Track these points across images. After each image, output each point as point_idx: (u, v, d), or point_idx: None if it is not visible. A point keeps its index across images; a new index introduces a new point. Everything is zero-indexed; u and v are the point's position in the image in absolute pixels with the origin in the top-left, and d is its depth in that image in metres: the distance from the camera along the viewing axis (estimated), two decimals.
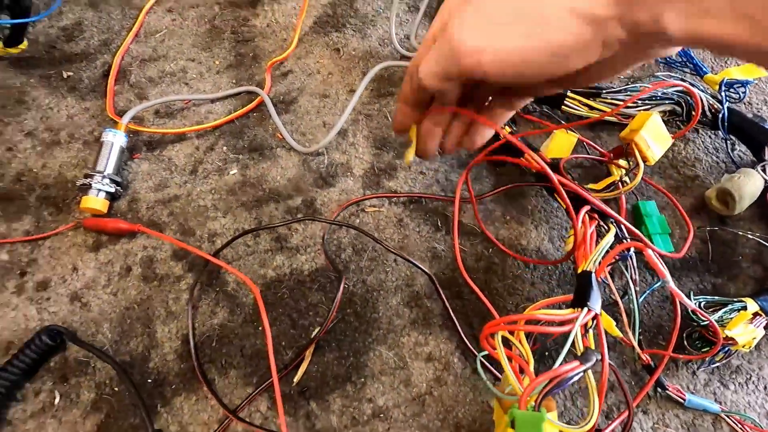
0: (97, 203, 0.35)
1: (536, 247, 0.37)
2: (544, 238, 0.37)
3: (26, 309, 0.33)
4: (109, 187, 0.36)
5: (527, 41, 0.17)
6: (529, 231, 0.37)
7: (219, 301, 0.33)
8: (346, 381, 0.31)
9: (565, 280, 0.35)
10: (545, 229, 0.37)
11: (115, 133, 0.38)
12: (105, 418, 0.29)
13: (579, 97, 0.40)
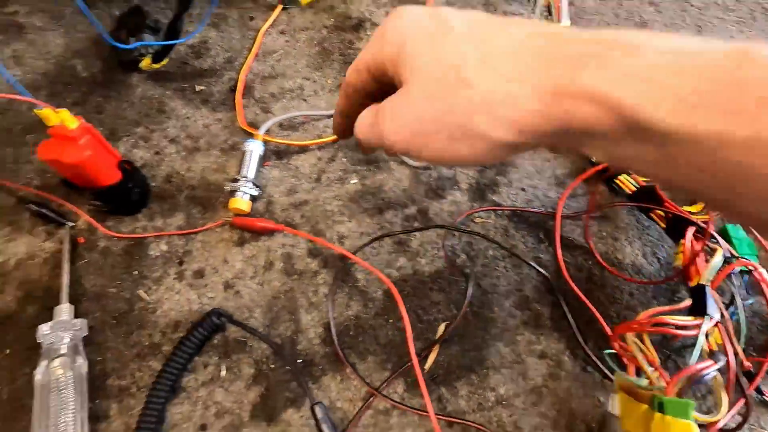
0: (243, 204, 0.40)
1: (631, 261, 0.40)
2: (638, 254, 0.41)
3: (188, 293, 0.38)
4: (252, 190, 0.41)
5: (443, 153, 0.21)
6: (623, 246, 0.41)
7: (352, 296, 0.38)
8: (470, 371, 0.35)
9: (659, 293, 0.39)
10: (638, 246, 0.41)
11: (254, 143, 0.43)
12: (265, 390, 0.34)
13: None
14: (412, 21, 0.21)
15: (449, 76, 0.19)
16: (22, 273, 0.39)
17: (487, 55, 0.19)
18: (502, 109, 0.18)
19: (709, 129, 0.15)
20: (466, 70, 0.19)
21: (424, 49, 0.20)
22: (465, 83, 0.19)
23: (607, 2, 0.60)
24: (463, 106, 0.19)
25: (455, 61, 0.19)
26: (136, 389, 0.34)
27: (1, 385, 0.34)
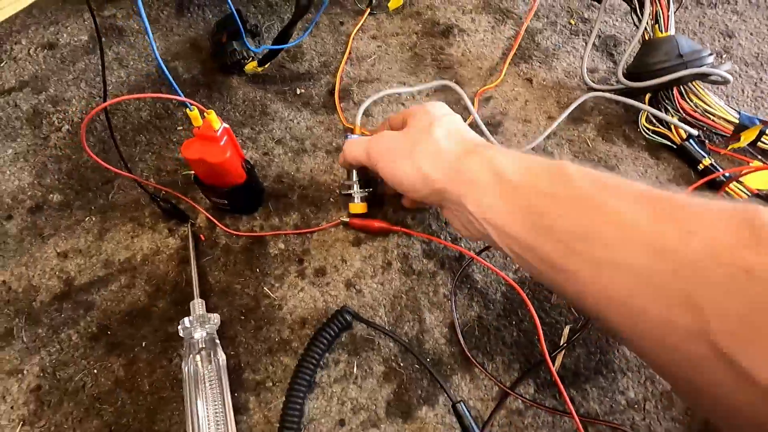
0: (359, 208, 0.41)
1: None
2: None
3: (312, 291, 0.39)
4: (363, 192, 0.41)
5: (394, 168, 0.34)
6: None
7: (473, 296, 0.39)
8: (597, 374, 0.35)
9: None
10: None
11: (350, 138, 0.41)
12: (397, 387, 0.35)
13: None
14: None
15: (423, 131, 0.34)
16: (150, 268, 0.40)
17: (446, 135, 0.33)
18: (435, 158, 0.32)
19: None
20: (433, 134, 0.33)
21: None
22: (430, 137, 0.33)
23: (691, 11, 0.60)
24: (421, 147, 0.33)
25: (429, 129, 0.33)
26: (272, 383, 0.35)
27: (142, 377, 0.35)
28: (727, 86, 0.52)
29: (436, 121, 0.33)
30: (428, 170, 0.32)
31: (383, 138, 0.35)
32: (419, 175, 0.32)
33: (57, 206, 0.43)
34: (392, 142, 0.35)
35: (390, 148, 0.34)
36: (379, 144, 0.35)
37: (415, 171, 0.32)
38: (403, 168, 0.33)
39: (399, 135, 0.35)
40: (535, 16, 0.59)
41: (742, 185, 0.42)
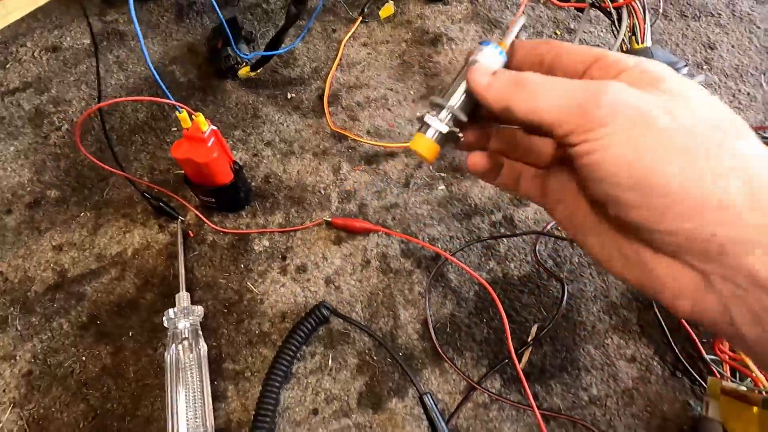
0: (426, 147, 0.22)
1: None
2: None
3: (293, 287, 0.41)
4: (448, 124, 0.22)
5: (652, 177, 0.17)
6: None
7: (446, 295, 0.40)
8: (562, 371, 0.37)
9: None
10: None
11: (489, 48, 0.22)
12: (370, 380, 0.36)
13: None
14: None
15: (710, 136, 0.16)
16: (139, 262, 0.42)
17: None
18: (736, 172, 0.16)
19: None
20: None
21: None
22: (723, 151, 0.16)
23: (675, 23, 0.62)
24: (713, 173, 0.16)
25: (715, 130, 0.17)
26: (250, 373, 0.37)
27: (128, 365, 0.37)
28: None
29: (739, 129, 0.17)
30: (717, 187, 0.16)
31: (621, 91, 0.17)
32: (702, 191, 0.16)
33: (54, 202, 0.45)
34: (648, 105, 0.17)
35: (641, 114, 0.17)
36: (627, 94, 0.17)
37: (707, 185, 0.16)
38: (680, 170, 0.16)
39: (659, 100, 0.17)
40: (522, 26, 0.60)
41: None
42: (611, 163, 0.17)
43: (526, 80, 0.19)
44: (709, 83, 0.55)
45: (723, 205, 0.16)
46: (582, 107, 0.17)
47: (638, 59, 0.19)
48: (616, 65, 0.19)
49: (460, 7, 0.63)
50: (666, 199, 0.16)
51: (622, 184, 0.17)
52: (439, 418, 0.33)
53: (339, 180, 0.47)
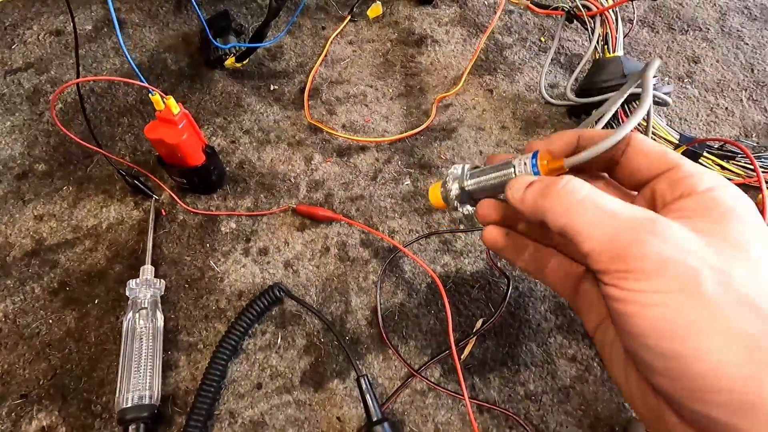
0: (436, 196, 0.26)
1: None
2: None
3: (252, 268, 0.42)
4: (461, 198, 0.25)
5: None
6: None
7: (399, 285, 0.42)
8: (502, 365, 0.38)
9: None
10: None
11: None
12: (315, 360, 0.38)
13: (713, 157, 0.46)
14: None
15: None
16: (112, 235, 0.44)
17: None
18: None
19: None
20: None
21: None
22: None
23: (662, 35, 0.62)
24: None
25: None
26: (203, 346, 0.39)
27: (91, 330, 0.39)
28: (681, 110, 0.54)
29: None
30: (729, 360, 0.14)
31: (674, 236, 0.15)
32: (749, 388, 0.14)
33: (41, 175, 0.48)
34: (699, 262, 0.15)
35: (692, 275, 0.15)
36: (657, 244, 0.15)
37: (746, 374, 0.14)
38: (716, 350, 0.14)
39: (714, 256, 0.15)
40: (507, 32, 0.62)
41: None
42: (645, 325, 0.15)
43: (563, 195, 0.17)
44: (688, 96, 0.55)
45: (757, 407, 0.14)
46: (623, 249, 0.15)
47: (714, 181, 0.17)
48: (687, 183, 0.17)
49: (449, 10, 0.64)
50: (699, 383, 0.14)
51: (653, 350, 0.15)
52: (374, 400, 0.34)
53: (310, 170, 0.49)
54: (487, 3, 0.65)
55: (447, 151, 0.50)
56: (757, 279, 0.15)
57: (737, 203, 0.16)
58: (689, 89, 0.56)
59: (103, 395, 0.36)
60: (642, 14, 0.64)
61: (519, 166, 0.20)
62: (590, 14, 0.49)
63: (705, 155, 0.46)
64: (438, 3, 0.65)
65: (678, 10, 0.65)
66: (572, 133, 0.20)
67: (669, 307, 0.14)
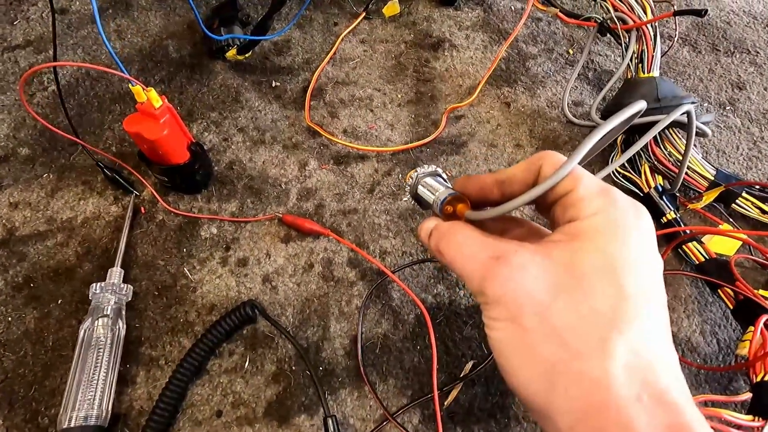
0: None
1: (686, 336, 0.37)
2: (695, 330, 0.38)
3: (228, 279, 0.39)
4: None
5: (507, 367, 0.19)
6: (681, 319, 0.38)
7: (384, 313, 0.38)
8: (491, 416, 0.34)
9: (713, 378, 0.36)
10: (697, 321, 0.38)
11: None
12: (282, 391, 0.34)
13: (753, 199, 0.41)
14: None
15: (599, 325, 0.17)
16: (87, 231, 0.41)
17: (632, 373, 0.17)
18: (590, 414, 0.17)
19: None
20: (609, 355, 0.17)
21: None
22: (601, 360, 0.17)
23: (704, 56, 0.56)
24: (573, 371, 0.17)
25: (608, 338, 0.17)
26: (165, 362, 0.35)
27: (49, 333, 0.36)
28: (720, 140, 0.48)
29: (629, 314, 0.17)
30: (568, 423, 0.17)
31: (515, 276, 0.18)
32: (545, 406, 0.17)
33: (22, 159, 0.46)
34: (526, 301, 0.18)
35: (516, 315, 0.18)
36: (499, 286, 0.18)
37: (541, 396, 0.17)
38: (523, 368, 0.18)
39: (544, 292, 0.18)
40: (533, 41, 0.57)
41: (701, 246, 0.39)
42: (491, 343, 0.19)
43: (448, 238, 0.21)
44: (728, 125, 0.50)
45: (550, 417, 0.17)
46: (479, 285, 0.19)
47: (599, 205, 0.18)
48: (575, 209, 0.19)
49: (472, 14, 0.60)
50: (517, 392, 0.19)
51: (501, 365, 0.19)
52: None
53: (303, 176, 0.45)
54: (514, 8, 0.61)
55: (453, 167, 0.46)
56: (573, 312, 0.17)
57: (606, 230, 0.18)
58: (731, 118, 0.51)
59: (52, 407, 0.33)
60: (684, 31, 0.59)
61: (436, 203, 0.24)
62: (626, 28, 0.44)
63: (744, 196, 0.41)
64: (461, 5, 0.60)
65: (724, 29, 0.59)
66: (492, 180, 0.22)
67: (501, 331, 0.18)
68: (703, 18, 0.47)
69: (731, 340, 0.37)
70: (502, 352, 0.18)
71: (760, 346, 0.30)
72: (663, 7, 0.52)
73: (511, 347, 0.18)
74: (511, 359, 0.18)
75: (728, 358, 0.36)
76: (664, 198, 0.42)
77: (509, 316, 0.18)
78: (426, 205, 0.25)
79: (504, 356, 0.18)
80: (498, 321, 0.18)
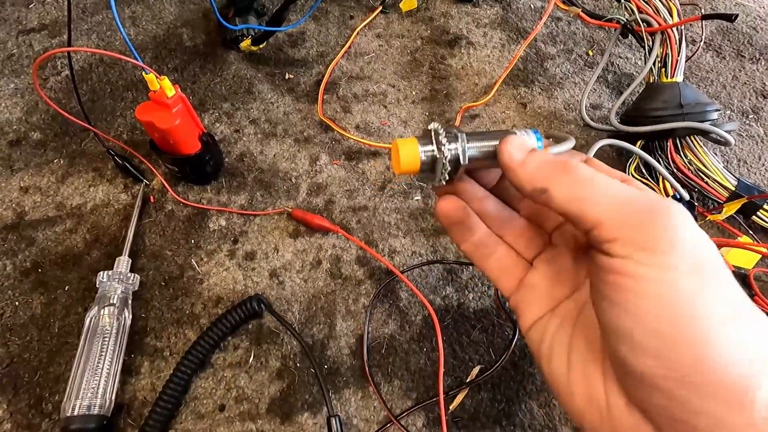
0: (410, 154, 0.19)
1: None
2: None
3: (236, 273, 0.39)
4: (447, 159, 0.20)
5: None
6: None
7: (391, 314, 0.37)
8: (496, 423, 0.33)
9: None
10: None
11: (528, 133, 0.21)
12: (286, 387, 0.34)
13: None
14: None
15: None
16: (96, 218, 0.41)
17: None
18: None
19: None
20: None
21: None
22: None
23: (728, 62, 0.55)
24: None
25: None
26: (169, 353, 0.35)
27: (55, 319, 0.36)
28: (741, 150, 0.47)
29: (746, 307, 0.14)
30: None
31: (689, 224, 0.15)
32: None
33: (34, 144, 0.46)
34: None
35: (701, 267, 0.14)
36: (684, 232, 0.15)
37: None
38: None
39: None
40: (552, 41, 0.56)
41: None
42: (655, 302, 0.14)
43: (574, 167, 0.17)
44: (751, 135, 0.49)
45: (746, 406, 0.13)
46: (644, 219, 0.15)
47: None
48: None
49: (490, 11, 0.58)
50: (701, 377, 0.14)
51: (654, 330, 0.14)
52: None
53: (314, 171, 0.45)
54: (534, 6, 0.59)
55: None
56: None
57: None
58: (754, 127, 0.49)
59: (56, 393, 0.33)
60: (708, 35, 0.57)
61: (521, 133, 0.19)
62: (650, 30, 0.42)
63: (765, 208, 0.39)
64: (479, 1, 0.59)
65: (751, 34, 0.58)
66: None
67: (690, 286, 0.14)
68: (733, 23, 0.45)
69: None
70: (683, 314, 0.14)
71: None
72: (688, 10, 0.51)
73: (715, 308, 0.14)
74: (709, 323, 0.14)
75: None
76: None
77: (694, 269, 0.14)
78: (492, 156, 0.19)
79: (686, 320, 0.14)
80: (669, 272, 0.14)
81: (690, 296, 0.14)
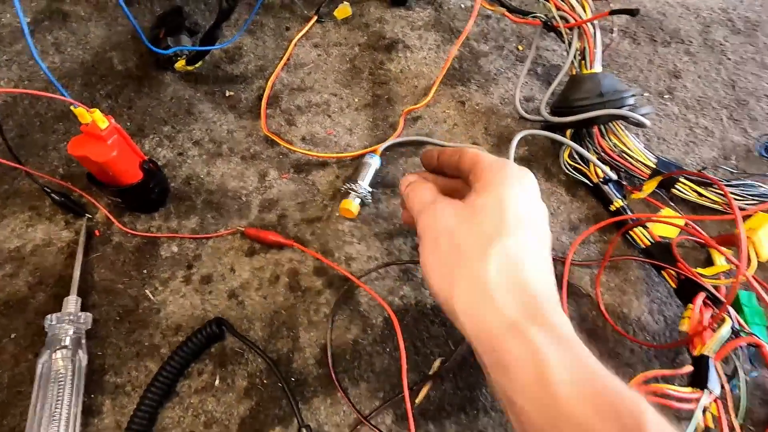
0: (353, 207, 0.41)
1: (637, 317, 0.40)
2: (644, 310, 0.40)
3: (192, 298, 0.39)
4: (366, 197, 0.42)
5: (425, 270, 0.28)
6: (630, 300, 0.41)
7: (353, 319, 0.38)
8: (460, 410, 0.35)
9: (662, 353, 0.38)
10: (646, 301, 0.41)
11: (374, 158, 0.44)
12: (255, 405, 0.34)
13: (690, 183, 0.43)
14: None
15: (480, 245, 0.26)
16: (38, 259, 0.40)
17: (504, 273, 0.26)
18: (474, 305, 0.26)
19: None
20: (488, 261, 0.26)
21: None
22: (482, 264, 0.25)
23: (643, 47, 0.59)
24: (464, 273, 0.26)
25: (487, 249, 0.26)
26: (131, 388, 0.35)
27: (5, 370, 0.35)
28: (660, 128, 0.51)
29: (507, 231, 0.26)
30: (461, 308, 0.25)
31: (438, 213, 0.28)
32: (447, 300, 0.26)
33: None
34: (442, 228, 0.27)
35: (435, 237, 0.28)
36: (429, 219, 0.29)
37: (445, 292, 0.26)
38: (436, 274, 0.27)
39: (453, 221, 0.27)
40: (483, 39, 0.58)
41: (647, 231, 0.41)
42: (423, 264, 0.28)
43: (416, 184, 0.33)
44: (667, 113, 0.53)
45: (459, 320, 0.26)
46: (418, 212, 0.30)
47: (491, 167, 0.29)
48: (479, 173, 0.29)
49: (423, 13, 0.60)
50: (439, 301, 0.28)
51: (427, 280, 0.28)
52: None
53: (264, 187, 0.45)
54: (464, 6, 0.62)
55: (413, 168, 0.47)
56: (469, 232, 0.26)
57: (498, 182, 0.28)
58: (669, 106, 0.54)
59: None
60: (624, 24, 0.62)
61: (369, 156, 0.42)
62: (568, 26, 0.45)
63: (682, 180, 0.43)
64: (412, 4, 0.61)
65: (661, 20, 0.62)
66: (437, 151, 0.35)
67: (427, 257, 0.28)
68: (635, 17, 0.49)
69: (676, 317, 0.40)
70: (426, 267, 0.27)
71: (698, 322, 0.32)
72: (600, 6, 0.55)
73: (430, 261, 0.27)
74: (431, 272, 0.27)
75: (674, 334, 0.39)
76: (611, 187, 0.44)
77: (430, 242, 0.27)
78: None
79: (427, 270, 0.27)
80: (425, 247, 0.28)
81: (431, 263, 0.28)
